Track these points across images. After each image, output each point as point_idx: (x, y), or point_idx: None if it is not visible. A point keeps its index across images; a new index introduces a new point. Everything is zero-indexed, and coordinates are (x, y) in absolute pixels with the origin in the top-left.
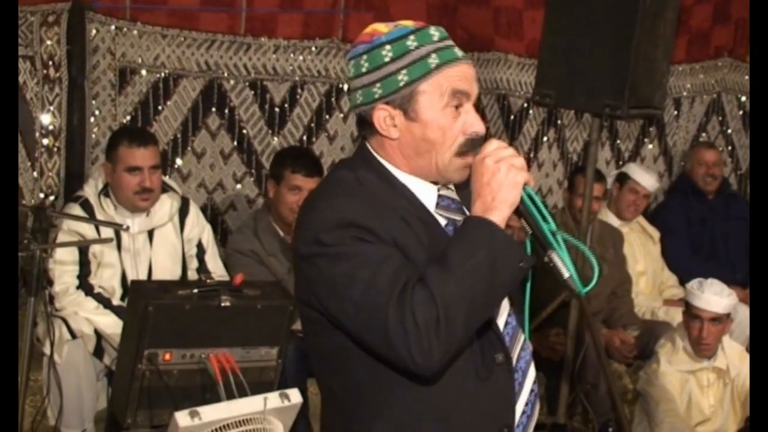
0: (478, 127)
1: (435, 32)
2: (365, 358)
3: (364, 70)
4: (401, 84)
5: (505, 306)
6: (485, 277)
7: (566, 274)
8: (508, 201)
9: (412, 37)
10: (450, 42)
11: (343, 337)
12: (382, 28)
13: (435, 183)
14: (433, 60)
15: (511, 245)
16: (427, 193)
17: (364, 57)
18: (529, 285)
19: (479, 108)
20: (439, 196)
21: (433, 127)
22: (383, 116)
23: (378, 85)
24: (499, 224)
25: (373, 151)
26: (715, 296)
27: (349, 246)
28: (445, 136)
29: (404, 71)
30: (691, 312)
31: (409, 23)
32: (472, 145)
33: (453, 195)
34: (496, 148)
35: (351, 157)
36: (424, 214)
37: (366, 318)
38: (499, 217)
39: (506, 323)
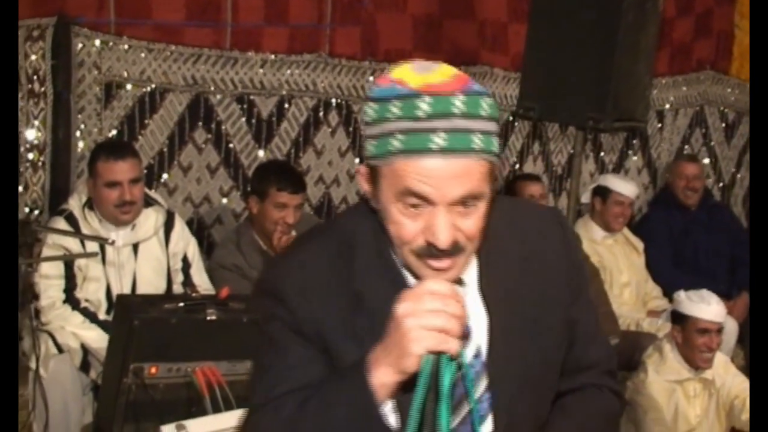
0: (435, 239)
1: (428, 106)
2: None
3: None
4: (368, 154)
5: None
6: None
7: None
8: (397, 367)
9: (397, 102)
10: (445, 124)
11: None
12: (393, 74)
13: None
14: (397, 143)
15: (370, 417)
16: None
17: (368, 104)
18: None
19: None
20: None
21: (387, 216)
22: (360, 175)
23: (366, 142)
24: (376, 387)
25: None
26: (719, 306)
27: (271, 322)
28: (399, 232)
29: (374, 142)
30: (698, 326)
31: (420, 80)
32: (431, 253)
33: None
34: (419, 292)
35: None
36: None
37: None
38: (381, 380)
39: None
